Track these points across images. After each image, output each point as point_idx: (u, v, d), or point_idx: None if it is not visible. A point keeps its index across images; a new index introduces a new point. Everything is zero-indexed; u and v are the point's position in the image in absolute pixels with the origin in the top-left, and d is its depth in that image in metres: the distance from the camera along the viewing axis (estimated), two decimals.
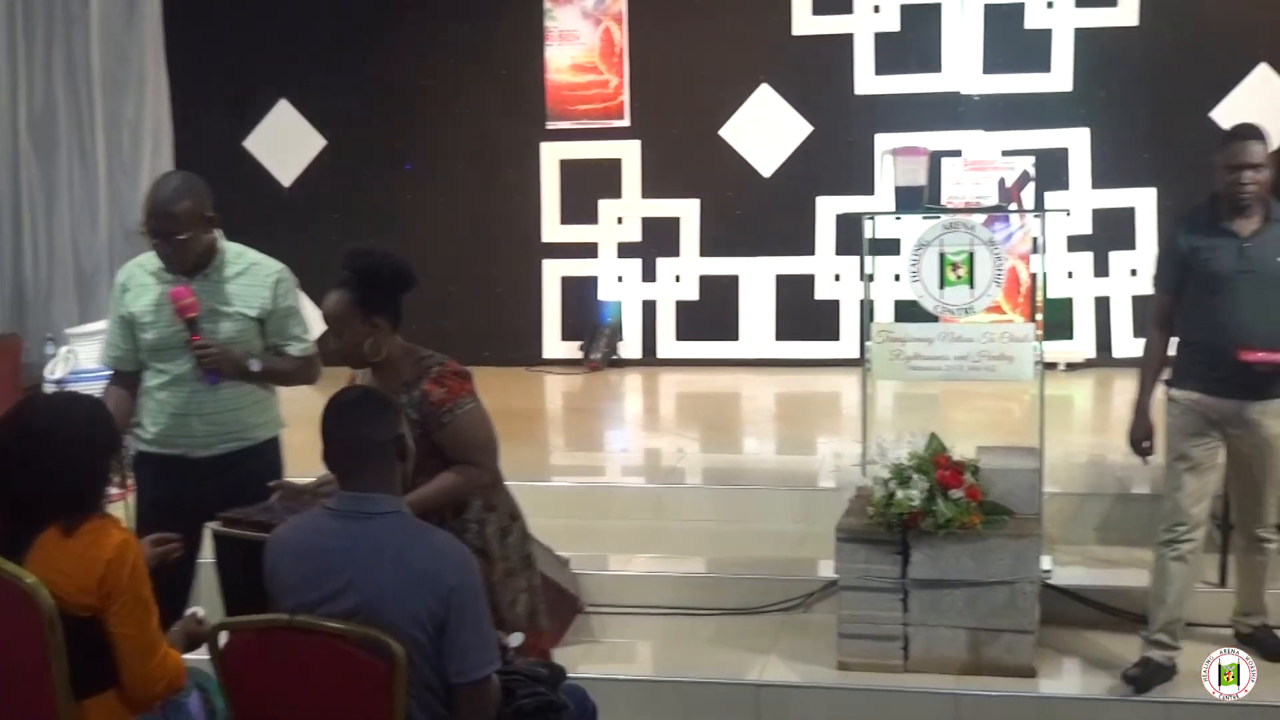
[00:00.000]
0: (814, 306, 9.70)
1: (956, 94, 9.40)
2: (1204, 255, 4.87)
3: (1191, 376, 4.96)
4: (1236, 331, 4.80)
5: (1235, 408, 4.85)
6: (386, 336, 4.07)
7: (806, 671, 5.26)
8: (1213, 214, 4.93)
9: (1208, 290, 4.87)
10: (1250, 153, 4.79)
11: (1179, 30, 9.17)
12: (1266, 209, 4.86)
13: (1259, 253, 4.81)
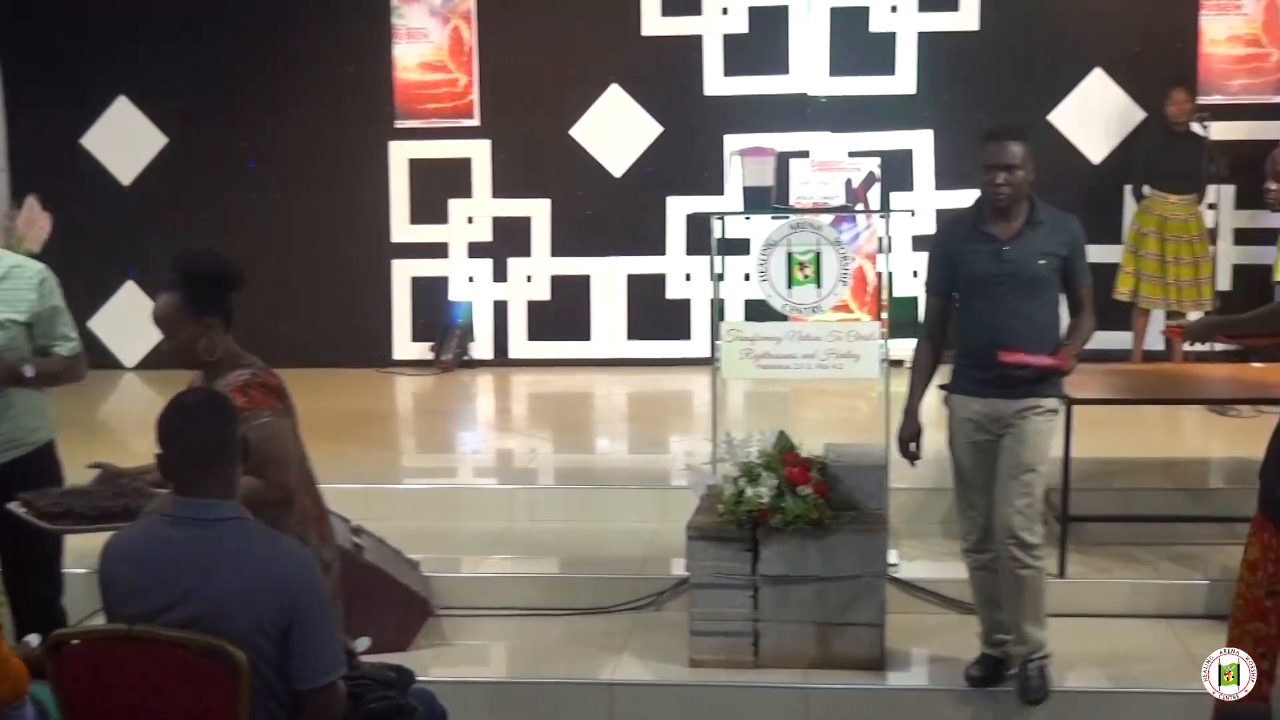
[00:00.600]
0: (665, 306, 9.75)
1: (803, 96, 9.52)
2: (966, 258, 4.84)
3: (963, 379, 4.93)
4: (996, 334, 4.76)
5: (1001, 408, 4.82)
6: (220, 336, 3.99)
7: (659, 670, 5.28)
8: (976, 217, 4.88)
9: (971, 294, 4.86)
10: (1007, 153, 4.74)
11: (1018, 35, 9.40)
12: (1029, 211, 4.83)
13: (1017, 255, 4.77)
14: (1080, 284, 4.91)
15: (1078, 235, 4.92)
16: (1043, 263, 4.78)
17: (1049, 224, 4.85)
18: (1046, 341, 4.79)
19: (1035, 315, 4.79)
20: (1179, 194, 8.69)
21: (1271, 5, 9.39)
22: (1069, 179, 9.40)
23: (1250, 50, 9.47)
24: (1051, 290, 4.84)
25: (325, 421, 8.21)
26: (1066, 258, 4.84)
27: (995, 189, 4.76)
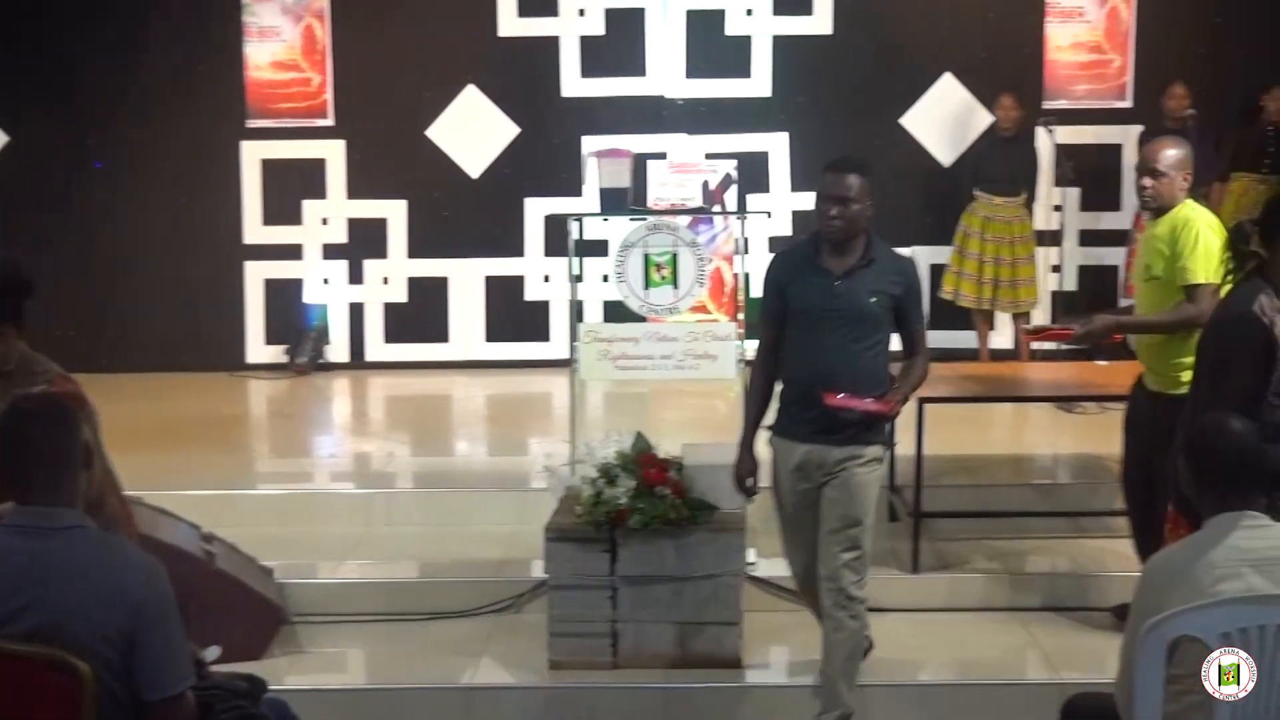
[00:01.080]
0: (524, 308, 9.72)
1: (660, 98, 9.55)
2: (797, 291, 4.66)
3: (787, 421, 4.77)
4: (822, 372, 4.58)
5: (824, 455, 4.65)
6: (13, 345, 3.87)
7: (518, 673, 5.27)
8: (812, 249, 4.70)
9: (799, 328, 4.68)
10: (842, 185, 4.56)
11: (871, 40, 9.53)
12: (865, 248, 4.65)
13: (848, 291, 4.59)
14: (913, 326, 4.78)
15: (912, 275, 4.78)
16: (874, 300, 4.60)
17: (883, 262, 4.67)
18: (874, 384, 4.62)
19: (863, 355, 4.62)
20: (1005, 196, 8.92)
21: (1113, 13, 9.65)
22: (920, 181, 9.59)
23: (1094, 57, 9.73)
24: (882, 331, 4.68)
25: (176, 427, 8.08)
26: (899, 297, 4.68)
27: (829, 221, 4.59)
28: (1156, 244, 5.13)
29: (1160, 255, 5.09)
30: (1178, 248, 5.04)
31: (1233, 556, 3.33)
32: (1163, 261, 5.08)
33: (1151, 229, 5.22)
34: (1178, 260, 5.03)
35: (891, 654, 5.37)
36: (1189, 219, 5.08)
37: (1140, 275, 5.27)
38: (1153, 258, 5.13)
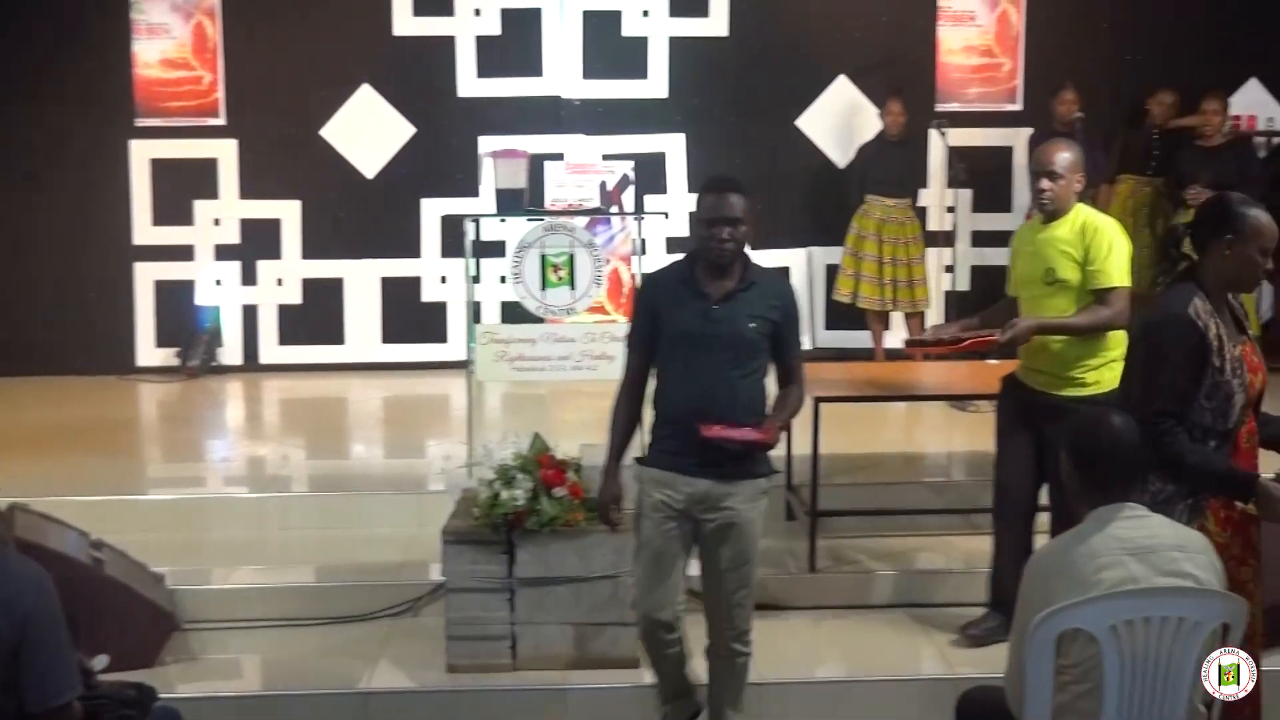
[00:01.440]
0: (420, 309, 9.65)
1: (557, 98, 9.53)
2: (673, 316, 4.43)
3: (662, 452, 4.51)
4: (700, 401, 4.37)
5: (708, 490, 4.42)
6: None
7: (416, 676, 5.23)
8: (688, 273, 4.47)
9: (675, 355, 4.45)
10: (730, 206, 4.35)
11: (766, 42, 9.59)
12: (743, 271, 4.45)
13: (726, 316, 4.39)
14: (791, 353, 4.58)
15: (791, 300, 4.58)
16: (753, 325, 4.41)
17: (762, 286, 4.47)
18: (752, 412, 4.43)
19: (742, 383, 4.42)
20: (895, 198, 9.04)
21: (1004, 18, 9.81)
22: (815, 183, 9.68)
23: (985, 60, 9.88)
24: (761, 357, 4.47)
25: (65, 431, 7.92)
26: (778, 323, 4.48)
27: (720, 245, 4.36)
28: (1060, 247, 5.10)
29: (1068, 259, 5.08)
30: (1091, 252, 5.04)
31: (1113, 546, 3.42)
32: (1072, 265, 5.07)
33: (1047, 232, 5.16)
34: (1092, 264, 5.04)
35: (789, 652, 5.42)
36: (1097, 223, 5.11)
37: (1038, 278, 5.17)
38: (1057, 261, 5.10)
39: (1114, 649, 3.29)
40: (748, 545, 4.52)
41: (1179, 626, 3.31)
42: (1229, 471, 3.93)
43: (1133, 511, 3.50)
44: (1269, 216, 4.04)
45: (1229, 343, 3.95)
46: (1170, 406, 3.90)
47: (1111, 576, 3.36)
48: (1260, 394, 4.13)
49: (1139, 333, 4.21)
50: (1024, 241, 5.34)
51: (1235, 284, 4.08)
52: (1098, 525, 3.48)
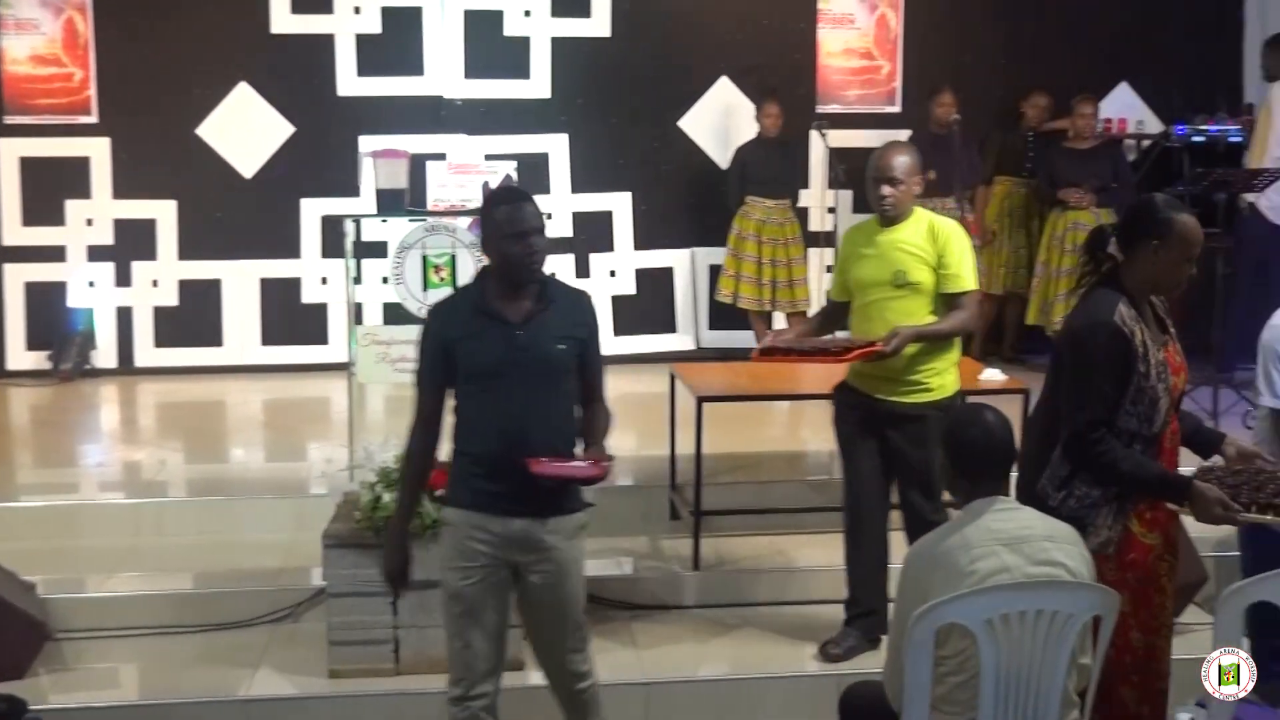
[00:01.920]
0: (301, 310, 9.52)
1: (439, 98, 9.47)
2: (471, 347, 4.08)
3: (469, 492, 4.14)
4: (513, 434, 4.03)
5: (526, 530, 4.09)
6: None
7: (298, 682, 5.17)
8: (479, 296, 4.14)
9: (478, 387, 4.10)
10: (534, 215, 4.04)
11: (648, 43, 9.60)
12: (541, 287, 4.13)
13: (532, 340, 4.07)
14: (595, 371, 4.30)
15: (594, 315, 4.30)
16: (562, 348, 4.12)
17: (564, 303, 4.18)
18: (567, 439, 4.16)
19: (554, 410, 4.15)
20: (774, 199, 9.12)
21: (882, 21, 9.93)
22: (698, 183, 9.72)
23: (864, 63, 10.00)
24: (570, 379, 4.18)
25: None
26: (585, 340, 4.22)
27: (530, 259, 4.03)
28: (909, 249, 5.07)
29: (919, 261, 5.06)
30: (946, 256, 5.05)
31: (986, 538, 3.50)
32: (924, 268, 5.05)
33: (891, 234, 5.11)
34: (947, 269, 5.05)
35: (674, 651, 5.45)
36: (946, 227, 5.13)
37: (885, 281, 5.10)
38: (908, 264, 5.06)
39: (990, 642, 3.36)
40: (574, 585, 4.24)
41: (1053, 619, 3.39)
42: (1163, 476, 3.98)
43: (1004, 504, 3.61)
44: (1195, 222, 4.05)
45: (1153, 347, 3.98)
46: (1101, 414, 3.93)
47: (985, 567, 3.45)
48: (1182, 394, 4.19)
49: (1066, 340, 4.15)
50: (862, 244, 5.24)
51: (1159, 288, 4.11)
52: (971, 518, 3.58)
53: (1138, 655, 4.07)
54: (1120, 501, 4.00)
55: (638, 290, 9.75)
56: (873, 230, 5.21)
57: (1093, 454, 3.94)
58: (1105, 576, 3.98)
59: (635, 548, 6.30)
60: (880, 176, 5.12)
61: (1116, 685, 4.07)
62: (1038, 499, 4.06)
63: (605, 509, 6.45)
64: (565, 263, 9.54)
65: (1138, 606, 4.05)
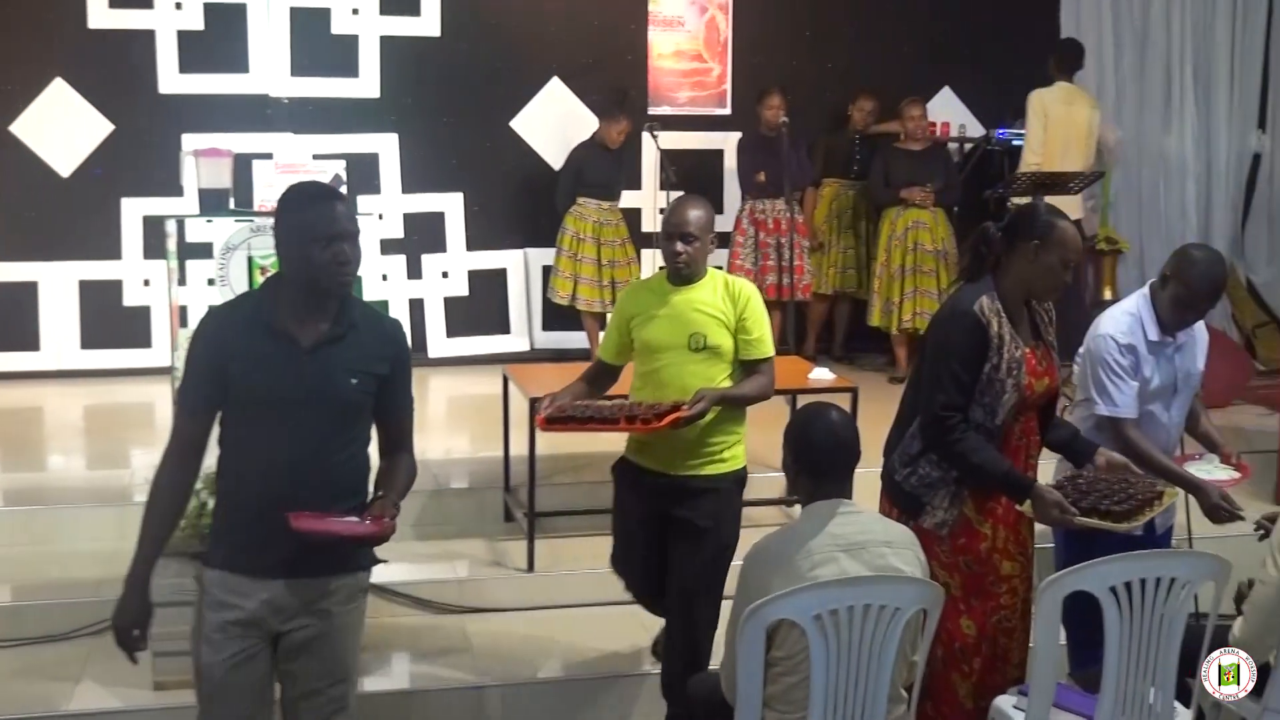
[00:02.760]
0: (122, 313, 9.25)
1: (265, 96, 9.28)
2: (247, 367, 3.45)
3: (227, 547, 3.55)
4: (284, 484, 3.44)
5: (289, 592, 3.52)
6: None
7: (122, 695, 5.04)
8: (269, 309, 3.50)
9: (250, 419, 3.49)
10: (347, 217, 3.51)
11: (478, 43, 9.55)
12: (342, 305, 3.53)
13: (323, 370, 3.47)
14: (402, 413, 3.74)
15: (404, 345, 3.70)
16: (354, 382, 3.51)
17: (365, 329, 3.57)
18: (354, 493, 3.58)
19: (340, 456, 3.53)
20: (609, 200, 9.16)
21: (712, 23, 10.03)
22: (530, 184, 9.72)
23: (694, 65, 10.07)
24: (363, 421, 3.61)
25: None
26: (386, 378, 3.61)
27: (339, 269, 3.46)
28: (707, 311, 4.71)
29: (718, 324, 4.71)
30: (749, 321, 4.72)
31: (827, 543, 3.55)
32: (724, 331, 4.70)
33: (685, 294, 4.75)
34: (750, 334, 4.72)
35: (509, 653, 5.43)
36: (744, 289, 4.80)
37: (680, 344, 4.71)
38: (708, 327, 4.70)
39: (820, 637, 3.41)
40: (345, 657, 3.66)
41: (880, 614, 3.45)
42: (1009, 474, 4.11)
43: (846, 508, 3.66)
44: (1076, 231, 4.22)
45: (1011, 343, 4.12)
46: (957, 400, 4.07)
47: (825, 573, 3.49)
48: (1045, 398, 4.32)
49: (930, 327, 4.39)
50: (651, 304, 4.81)
51: (1034, 291, 4.24)
52: (813, 521, 3.62)
53: (968, 642, 4.22)
54: (958, 485, 4.14)
55: (470, 291, 9.69)
56: (663, 289, 4.81)
57: (948, 439, 4.09)
58: (939, 558, 4.15)
59: (469, 550, 6.27)
60: (674, 231, 4.73)
61: (948, 671, 4.21)
62: (887, 474, 4.29)
63: (439, 512, 6.48)
64: (396, 264, 9.44)
65: (969, 593, 4.20)
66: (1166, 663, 3.78)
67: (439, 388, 9.08)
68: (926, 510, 4.20)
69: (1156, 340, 4.68)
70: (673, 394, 4.67)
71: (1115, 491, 4.16)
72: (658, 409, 4.58)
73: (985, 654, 4.26)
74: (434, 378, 9.20)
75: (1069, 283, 4.25)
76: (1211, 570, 3.85)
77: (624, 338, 4.90)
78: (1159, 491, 4.30)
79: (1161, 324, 4.69)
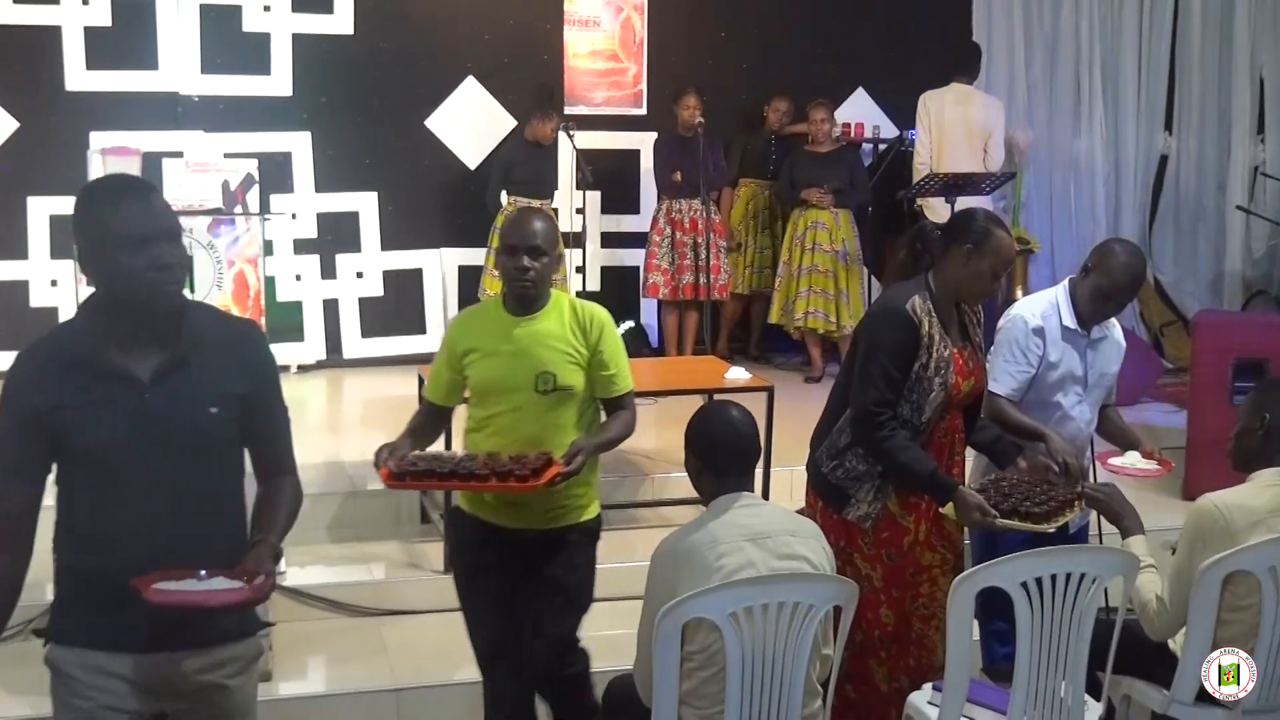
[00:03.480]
0: (29, 314, 9.06)
1: (175, 94, 9.14)
2: (72, 417, 2.87)
3: (80, 623, 2.98)
4: (143, 543, 2.88)
5: (165, 667, 2.98)
6: None
7: (32, 703, 4.93)
8: (87, 341, 2.92)
9: (88, 477, 2.90)
10: (168, 216, 2.94)
11: (392, 41, 9.47)
12: (180, 324, 2.95)
13: (170, 404, 2.90)
14: (274, 432, 3.13)
15: (267, 357, 3.13)
16: (214, 411, 2.96)
17: (216, 344, 3.00)
18: (232, 540, 3.02)
19: (209, 500, 2.99)
20: (539, 199, 9.09)
21: (628, 24, 10.03)
22: (448, 183, 9.64)
23: (610, 65, 10.07)
24: (233, 454, 3.07)
25: None
26: (252, 396, 3.04)
27: (161, 275, 2.86)
28: (556, 346, 4.14)
29: (570, 362, 4.15)
30: (606, 355, 4.19)
31: (732, 533, 3.57)
32: (576, 370, 4.16)
33: (528, 325, 4.14)
34: (609, 368, 4.20)
35: (425, 655, 5.39)
36: (597, 315, 4.24)
37: (526, 385, 4.12)
38: (558, 365, 4.13)
39: (735, 635, 3.41)
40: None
41: (794, 611, 3.47)
42: (933, 475, 4.16)
43: (747, 500, 3.69)
44: (1011, 240, 4.30)
45: (940, 342, 4.19)
46: (887, 396, 4.14)
47: (731, 562, 3.51)
48: (971, 398, 4.40)
49: (862, 324, 4.45)
50: (488, 337, 4.18)
51: (963, 294, 4.32)
52: (717, 514, 3.65)
53: (887, 631, 4.30)
54: (883, 480, 4.21)
55: (385, 292, 9.61)
56: (501, 319, 4.18)
57: (876, 435, 4.15)
58: (861, 551, 4.22)
59: (385, 552, 6.22)
60: (520, 244, 4.08)
61: (866, 659, 4.29)
62: (813, 466, 4.35)
63: (354, 514, 6.41)
64: (310, 264, 9.35)
65: (889, 584, 4.28)
66: (1077, 657, 3.82)
67: (354, 388, 9.01)
68: (851, 503, 4.28)
69: (1071, 328, 4.75)
70: (518, 443, 4.11)
71: (1036, 493, 4.22)
72: (527, 463, 3.99)
73: (903, 641, 4.34)
74: (349, 378, 9.13)
75: (998, 289, 4.34)
76: (1120, 565, 3.92)
77: (456, 375, 4.25)
78: (1079, 493, 4.37)
79: (1079, 315, 4.76)
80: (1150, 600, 4.13)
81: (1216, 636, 4.03)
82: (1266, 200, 11.20)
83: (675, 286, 9.21)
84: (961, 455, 4.46)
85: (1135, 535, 4.26)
